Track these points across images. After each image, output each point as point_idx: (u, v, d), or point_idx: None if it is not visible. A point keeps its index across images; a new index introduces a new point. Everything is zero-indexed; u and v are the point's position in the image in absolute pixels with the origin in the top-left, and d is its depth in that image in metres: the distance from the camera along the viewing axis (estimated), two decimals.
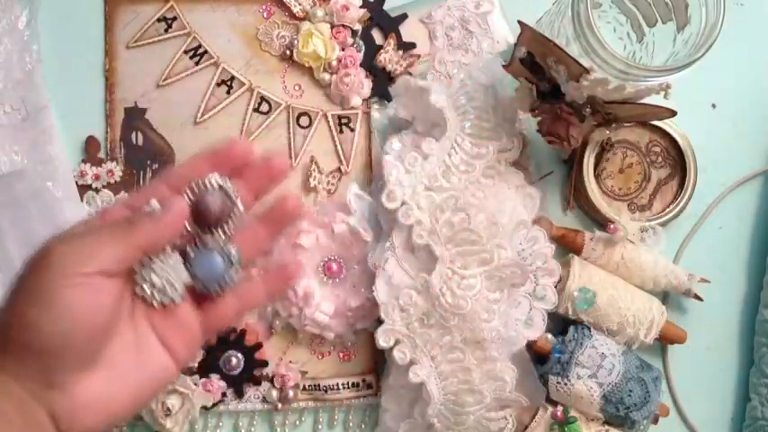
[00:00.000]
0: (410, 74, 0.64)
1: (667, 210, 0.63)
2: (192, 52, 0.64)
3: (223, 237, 0.46)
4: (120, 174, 0.62)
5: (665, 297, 0.63)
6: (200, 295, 0.46)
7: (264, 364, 0.61)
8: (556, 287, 0.59)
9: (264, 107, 0.64)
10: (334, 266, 0.60)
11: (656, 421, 0.60)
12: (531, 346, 0.59)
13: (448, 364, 0.56)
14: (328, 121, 0.64)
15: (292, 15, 0.65)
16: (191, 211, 0.45)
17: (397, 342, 0.57)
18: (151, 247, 0.44)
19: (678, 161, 0.63)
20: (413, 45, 0.65)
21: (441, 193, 0.58)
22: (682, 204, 0.62)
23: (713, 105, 0.66)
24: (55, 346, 0.40)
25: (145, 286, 0.44)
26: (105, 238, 0.42)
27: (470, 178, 0.58)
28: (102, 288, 0.41)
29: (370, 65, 0.64)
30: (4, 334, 0.40)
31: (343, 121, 0.64)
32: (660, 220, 0.62)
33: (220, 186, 0.45)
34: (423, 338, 0.56)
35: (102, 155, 0.63)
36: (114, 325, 0.43)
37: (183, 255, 0.46)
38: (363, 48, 0.64)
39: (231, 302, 0.47)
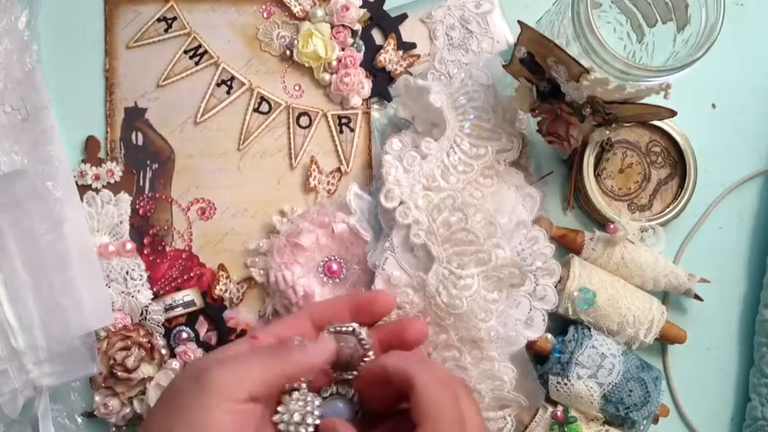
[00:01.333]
0: (410, 74, 0.64)
1: (667, 210, 0.63)
2: (192, 52, 0.64)
3: (348, 380, 0.49)
4: (120, 174, 0.62)
5: (665, 297, 0.63)
6: None
7: None
8: (556, 287, 0.59)
9: (264, 107, 0.64)
10: (335, 266, 0.60)
11: (656, 421, 0.60)
12: (530, 346, 0.59)
13: (443, 362, 0.56)
14: (328, 121, 0.64)
15: (292, 15, 0.65)
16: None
17: None
18: (296, 376, 0.47)
19: (678, 161, 0.63)
20: (413, 45, 0.65)
21: (438, 193, 0.58)
22: (682, 204, 0.62)
23: (713, 105, 0.66)
24: None
25: (284, 417, 0.47)
26: (258, 363, 0.45)
27: (469, 178, 0.58)
28: (249, 415, 0.44)
29: (370, 65, 0.64)
30: None
31: (343, 121, 0.64)
32: (660, 220, 0.62)
33: (357, 335, 0.49)
34: None
35: (102, 155, 0.63)
36: None
37: (317, 392, 0.50)
38: (363, 48, 0.64)
39: None
